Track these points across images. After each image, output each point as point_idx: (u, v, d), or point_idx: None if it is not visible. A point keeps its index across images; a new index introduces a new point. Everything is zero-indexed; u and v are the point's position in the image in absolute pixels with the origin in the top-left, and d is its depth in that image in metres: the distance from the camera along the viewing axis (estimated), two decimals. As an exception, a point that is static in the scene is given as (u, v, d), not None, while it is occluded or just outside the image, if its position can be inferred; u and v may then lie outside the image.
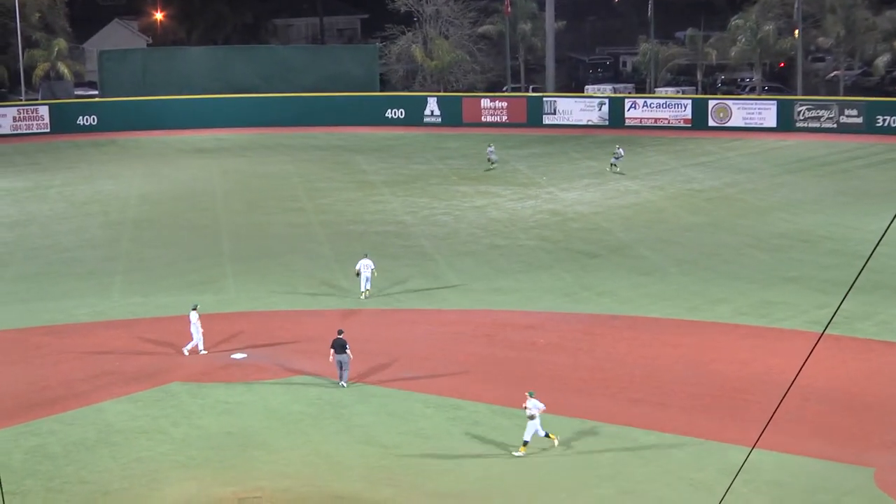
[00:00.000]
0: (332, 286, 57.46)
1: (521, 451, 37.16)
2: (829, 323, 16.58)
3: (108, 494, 34.39)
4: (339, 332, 43.83)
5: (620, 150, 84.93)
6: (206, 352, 47.94)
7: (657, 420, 40.33)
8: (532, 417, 36.98)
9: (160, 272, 61.67)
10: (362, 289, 52.93)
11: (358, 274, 52.94)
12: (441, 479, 35.24)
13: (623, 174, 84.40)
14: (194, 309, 48.23)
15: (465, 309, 54.09)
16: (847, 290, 16.28)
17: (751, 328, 50.30)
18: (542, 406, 37.07)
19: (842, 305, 16.86)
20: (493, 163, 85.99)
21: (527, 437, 37.15)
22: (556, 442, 37.52)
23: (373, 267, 51.03)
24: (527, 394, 37.35)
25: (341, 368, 43.70)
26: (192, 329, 47.92)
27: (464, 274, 60.18)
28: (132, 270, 62.43)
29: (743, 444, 35.88)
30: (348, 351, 43.59)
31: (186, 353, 47.80)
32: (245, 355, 48.09)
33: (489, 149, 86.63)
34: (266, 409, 42.28)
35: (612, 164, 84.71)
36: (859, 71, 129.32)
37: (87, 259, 65.39)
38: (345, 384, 43.57)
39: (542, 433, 37.32)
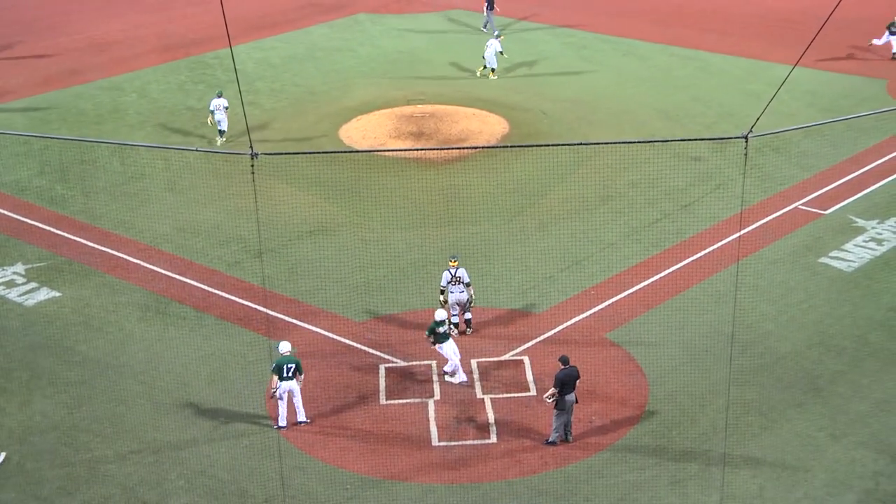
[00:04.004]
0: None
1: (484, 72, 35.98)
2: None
3: (314, 94, 34.75)
4: None
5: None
6: None
7: (722, 45, 38.90)
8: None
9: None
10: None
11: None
12: (556, 88, 34.82)
13: None
14: None
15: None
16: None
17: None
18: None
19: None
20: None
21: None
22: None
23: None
24: None
25: None
26: None
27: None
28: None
29: (787, 63, 34.58)
30: None
31: None
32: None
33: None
34: (427, 34, 41.73)
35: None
36: None
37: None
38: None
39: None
